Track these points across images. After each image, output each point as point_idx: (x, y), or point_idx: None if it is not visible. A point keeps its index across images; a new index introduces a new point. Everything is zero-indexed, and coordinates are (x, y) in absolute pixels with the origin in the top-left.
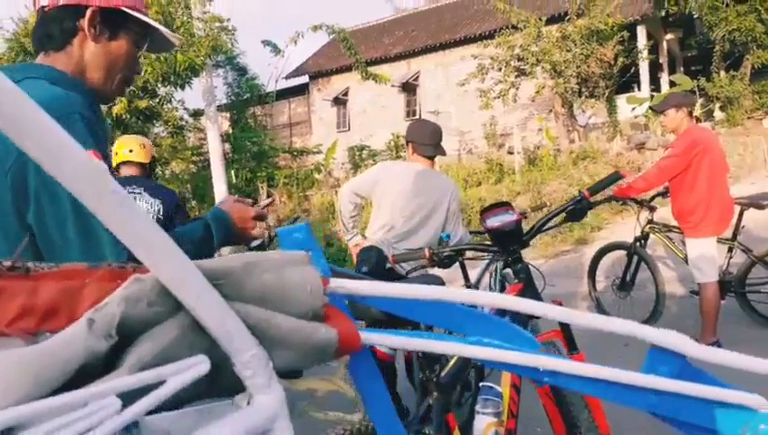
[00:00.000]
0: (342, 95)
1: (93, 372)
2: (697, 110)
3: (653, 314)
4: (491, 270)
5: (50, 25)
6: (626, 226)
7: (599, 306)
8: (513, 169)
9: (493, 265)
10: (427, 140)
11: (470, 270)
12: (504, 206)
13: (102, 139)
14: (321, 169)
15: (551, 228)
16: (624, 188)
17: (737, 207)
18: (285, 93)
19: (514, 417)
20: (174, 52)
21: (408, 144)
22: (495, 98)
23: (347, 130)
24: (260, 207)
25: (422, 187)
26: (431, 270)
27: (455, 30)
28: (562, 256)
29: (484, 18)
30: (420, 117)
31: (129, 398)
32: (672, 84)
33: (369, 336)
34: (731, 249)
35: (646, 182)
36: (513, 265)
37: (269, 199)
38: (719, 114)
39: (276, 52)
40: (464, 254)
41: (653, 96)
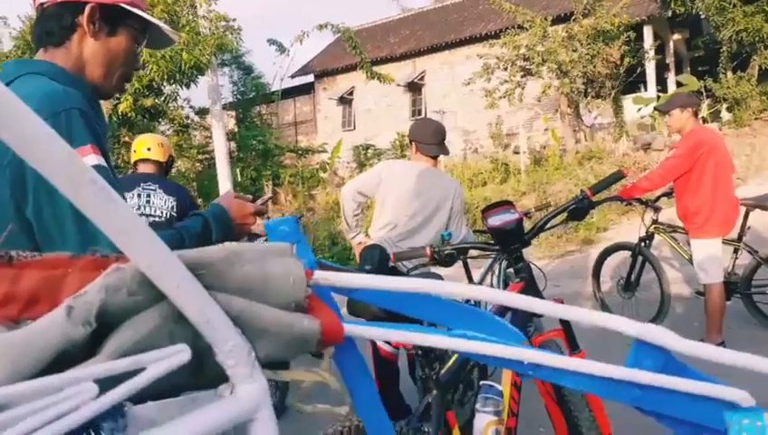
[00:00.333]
0: (348, 94)
1: (74, 359)
2: (704, 110)
3: (658, 314)
4: (494, 269)
5: (49, 22)
6: (632, 226)
7: (603, 307)
8: (519, 169)
9: (496, 265)
10: (430, 139)
11: (474, 270)
12: (506, 205)
13: (101, 135)
14: (327, 167)
15: (552, 227)
16: (629, 188)
17: (743, 208)
18: (291, 92)
19: (515, 416)
20: (179, 50)
21: (412, 143)
22: (501, 97)
23: (352, 129)
24: (259, 203)
25: (425, 186)
26: (433, 269)
27: (460, 29)
28: (568, 257)
29: (489, 18)
30: (426, 116)
31: (109, 385)
32: (679, 85)
33: (353, 328)
34: (736, 250)
35: (650, 182)
36: (515, 263)
37: (268, 195)
38: (726, 115)
39: (282, 51)
40: (467, 253)
41: (659, 96)
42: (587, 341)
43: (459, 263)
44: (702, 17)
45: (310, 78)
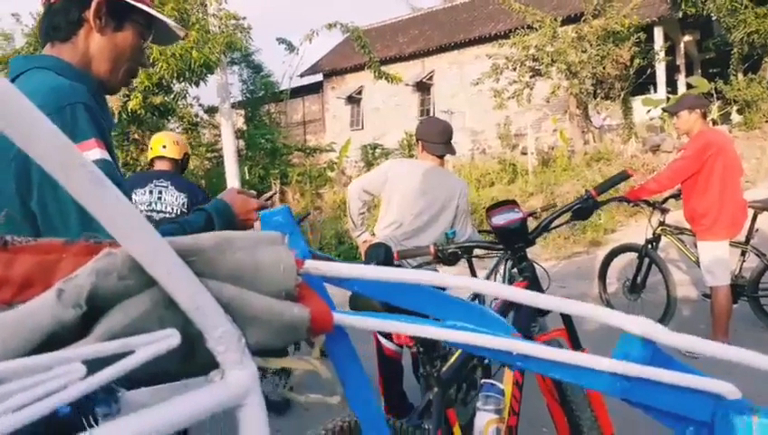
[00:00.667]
0: (356, 94)
1: (64, 341)
2: (715, 113)
3: (664, 316)
4: (499, 269)
5: (56, 17)
6: (639, 228)
7: (609, 308)
8: (527, 170)
9: (501, 264)
10: (436, 138)
11: (481, 271)
12: (510, 204)
13: (106, 129)
14: (334, 167)
15: (557, 227)
16: (636, 189)
17: (751, 211)
18: (300, 91)
19: (516, 414)
20: (189, 48)
21: (418, 142)
22: (509, 98)
23: (360, 128)
24: (263, 199)
25: (431, 185)
26: (438, 267)
27: (470, 29)
28: (575, 258)
29: (499, 18)
30: (433, 116)
31: (99, 367)
32: (689, 86)
33: (342, 317)
34: (744, 253)
35: (658, 184)
36: (518, 263)
37: (272, 191)
38: (737, 117)
39: (291, 49)
40: (471, 252)
41: (669, 98)
42: (591, 341)
43: (465, 263)
44: (713, 19)
45: (319, 77)
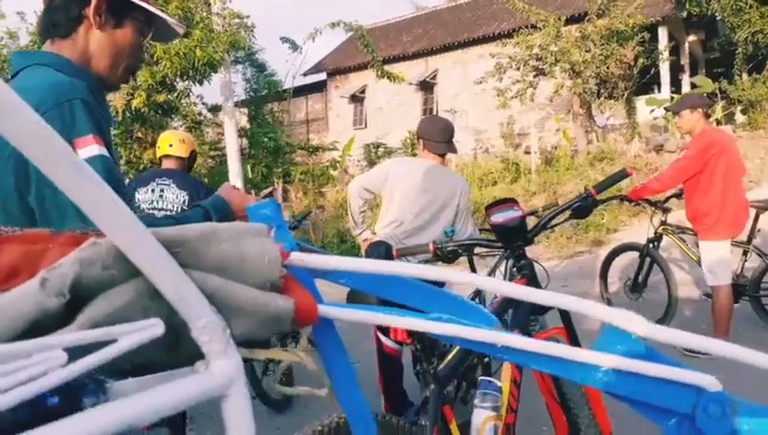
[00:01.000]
0: (360, 93)
1: (48, 330)
2: (719, 113)
3: (665, 316)
4: (499, 267)
5: (56, 13)
6: (642, 227)
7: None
8: (530, 169)
9: (501, 263)
10: (438, 137)
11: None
12: (510, 202)
13: (104, 126)
14: (337, 165)
15: (556, 225)
16: (638, 189)
17: (753, 210)
18: (303, 90)
19: (514, 412)
20: (193, 47)
21: (420, 140)
22: (513, 97)
23: (363, 127)
24: (261, 196)
25: (432, 183)
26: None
27: (473, 29)
28: (577, 257)
29: (503, 17)
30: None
31: (81, 356)
32: (693, 86)
33: (327, 309)
34: (746, 252)
35: (660, 183)
36: (517, 261)
37: (270, 188)
38: (741, 117)
39: (294, 48)
40: (472, 250)
41: (673, 98)
42: (591, 339)
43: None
44: (718, 18)
45: (322, 76)
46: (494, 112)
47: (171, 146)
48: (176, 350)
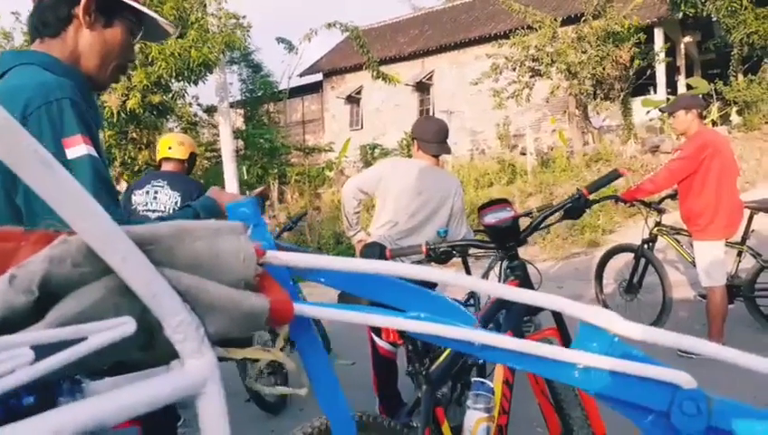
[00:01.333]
0: (356, 93)
1: (16, 328)
2: (714, 114)
3: (660, 317)
4: (495, 269)
5: (45, 13)
6: (638, 229)
7: (605, 308)
8: (526, 170)
9: (496, 264)
10: (431, 137)
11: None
12: (502, 203)
13: (93, 125)
14: (333, 166)
15: (549, 226)
16: (632, 190)
17: (747, 211)
18: (300, 91)
19: (506, 413)
20: (188, 48)
21: (414, 141)
22: (509, 98)
23: (360, 128)
24: (252, 195)
25: (426, 184)
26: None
27: (470, 29)
28: (573, 259)
29: (499, 18)
30: (431, 115)
31: (51, 354)
32: (689, 87)
33: (303, 308)
34: (740, 253)
35: (654, 184)
36: (510, 262)
37: (261, 187)
38: (736, 118)
39: (290, 49)
40: (467, 251)
41: (669, 99)
42: None
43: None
44: (714, 20)
45: (318, 77)
46: (490, 113)
47: (170, 148)
48: (151, 349)
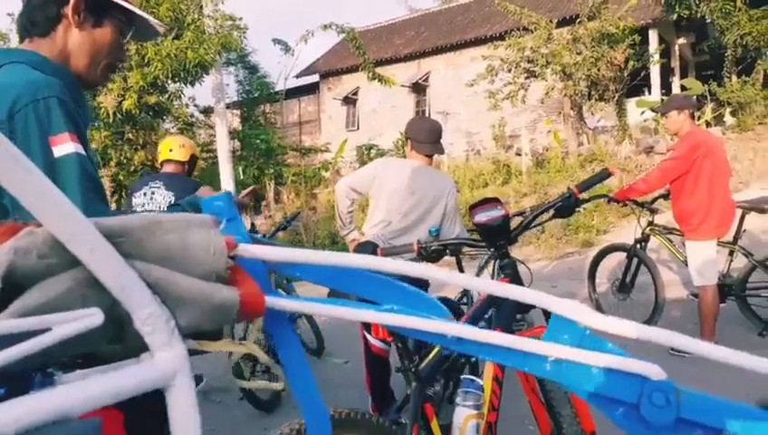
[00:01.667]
0: (352, 95)
1: None
2: (708, 114)
3: (652, 316)
4: (488, 268)
5: (34, 12)
6: (632, 229)
7: (598, 308)
8: (521, 171)
9: (490, 263)
10: (424, 137)
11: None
12: (493, 202)
13: (81, 124)
14: (329, 167)
15: (539, 225)
16: (625, 189)
17: (739, 211)
18: (296, 92)
19: (495, 410)
20: (184, 49)
21: (407, 141)
22: (504, 99)
23: (356, 129)
24: (242, 195)
25: (419, 184)
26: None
27: (465, 31)
28: (567, 258)
29: (495, 20)
30: (426, 116)
31: (13, 344)
32: (683, 88)
33: (275, 301)
34: (732, 253)
35: (647, 184)
36: (500, 260)
37: (250, 187)
38: (730, 119)
39: (286, 50)
40: (460, 250)
41: (663, 100)
42: None
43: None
44: (708, 21)
45: (315, 78)
46: (485, 114)
47: (172, 151)
48: (122, 341)
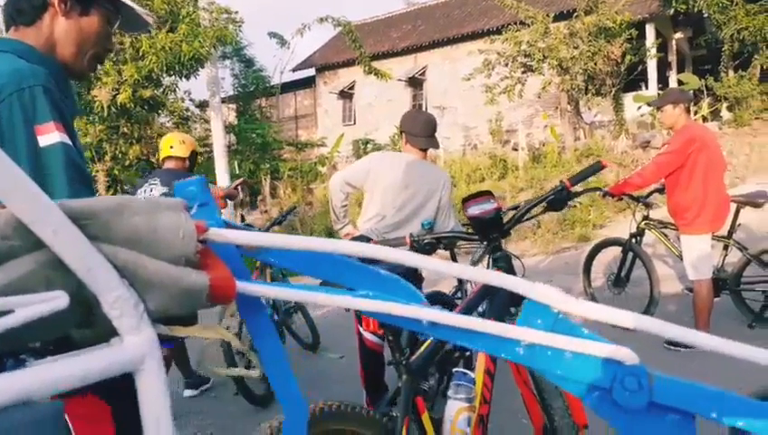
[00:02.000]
0: (348, 89)
1: None
2: (705, 109)
3: (647, 309)
4: (482, 262)
5: (20, 1)
6: (628, 223)
7: (593, 302)
8: (517, 166)
9: (484, 256)
10: (419, 131)
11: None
12: (486, 195)
13: (66, 113)
14: (325, 162)
15: (532, 218)
16: (620, 184)
17: (733, 205)
18: (292, 86)
19: (487, 403)
20: (179, 42)
21: (402, 134)
22: (501, 93)
23: (352, 123)
24: (232, 187)
25: (414, 178)
26: None
27: (462, 25)
28: (563, 253)
29: (492, 14)
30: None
31: None
32: (680, 83)
33: (246, 286)
34: (726, 247)
35: (642, 178)
36: (493, 253)
37: (240, 180)
38: (726, 114)
39: (282, 43)
40: (454, 244)
41: (660, 95)
42: None
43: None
44: (705, 15)
45: (311, 72)
46: (482, 109)
47: (172, 147)
48: (90, 326)
